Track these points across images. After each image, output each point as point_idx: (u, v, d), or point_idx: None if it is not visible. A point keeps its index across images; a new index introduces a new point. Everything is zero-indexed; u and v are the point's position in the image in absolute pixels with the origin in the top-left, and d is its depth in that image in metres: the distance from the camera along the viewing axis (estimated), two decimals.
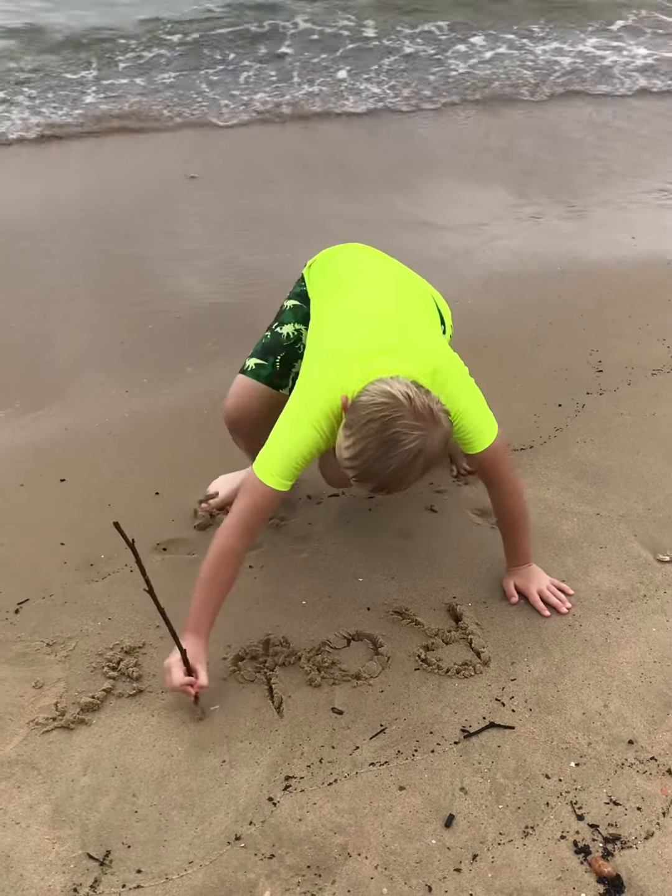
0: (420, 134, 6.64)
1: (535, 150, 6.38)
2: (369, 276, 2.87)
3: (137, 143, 6.48)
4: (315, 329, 2.77)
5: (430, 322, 2.79)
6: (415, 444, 2.25)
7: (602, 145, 6.40)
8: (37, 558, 3.09)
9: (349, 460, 2.32)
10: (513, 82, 7.49)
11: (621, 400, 3.87)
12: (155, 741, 2.51)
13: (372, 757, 2.46)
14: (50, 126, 6.52)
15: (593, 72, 7.74)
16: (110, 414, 3.77)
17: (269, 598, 2.94)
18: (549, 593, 2.92)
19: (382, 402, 2.27)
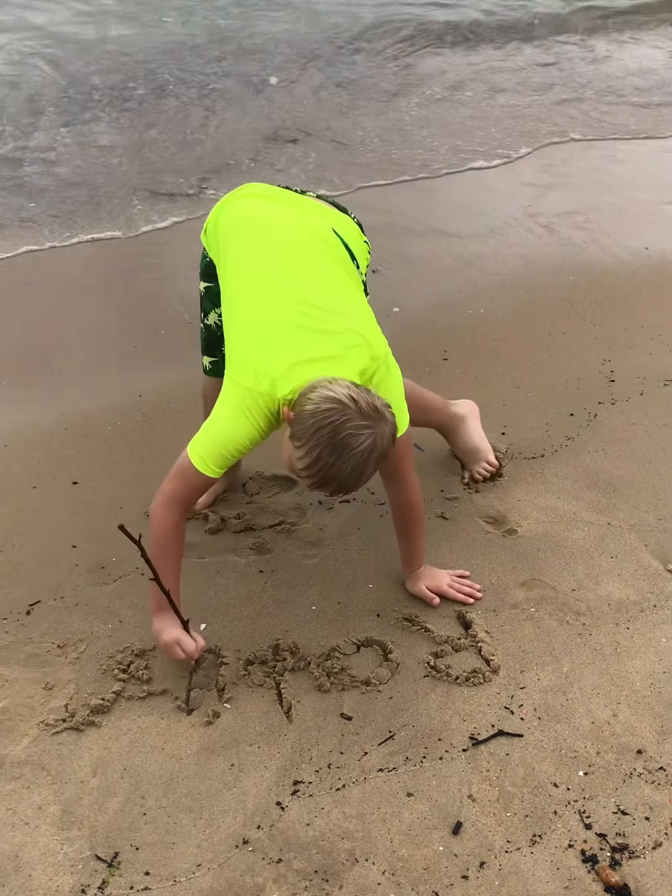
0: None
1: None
2: (272, 241, 2.71)
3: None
4: (228, 314, 2.70)
5: (345, 289, 2.69)
6: (367, 443, 2.28)
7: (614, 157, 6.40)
8: (48, 560, 3.10)
9: (305, 470, 2.34)
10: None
11: (633, 410, 3.87)
12: (164, 744, 2.51)
13: (380, 763, 2.46)
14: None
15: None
16: (123, 417, 3.79)
17: (279, 604, 2.95)
18: (459, 584, 2.98)
19: (328, 408, 2.28)
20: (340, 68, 7.55)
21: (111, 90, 6.99)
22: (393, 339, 2.62)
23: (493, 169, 6.13)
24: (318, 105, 6.91)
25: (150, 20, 8.36)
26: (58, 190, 5.68)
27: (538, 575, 3.05)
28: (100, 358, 4.19)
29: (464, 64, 7.73)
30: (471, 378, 4.04)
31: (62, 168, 5.92)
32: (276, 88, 7.10)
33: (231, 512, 3.29)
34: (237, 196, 2.89)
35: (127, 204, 5.59)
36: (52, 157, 6.04)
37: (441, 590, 2.95)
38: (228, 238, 2.76)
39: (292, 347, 2.48)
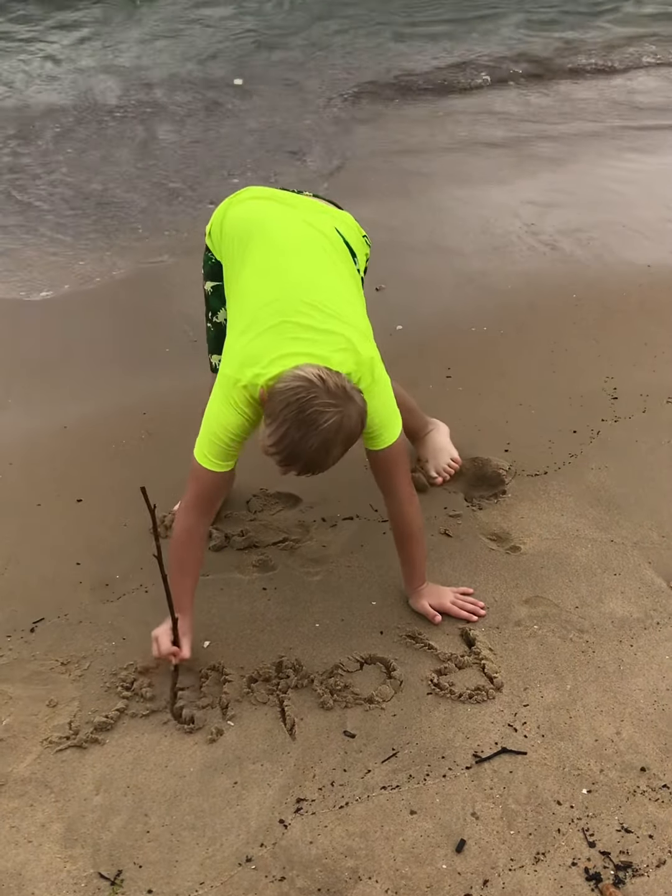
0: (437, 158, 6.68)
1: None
2: (276, 240, 2.75)
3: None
4: (232, 309, 2.77)
5: (345, 290, 2.73)
6: (333, 420, 2.32)
7: (621, 177, 6.41)
8: (53, 578, 3.11)
9: (273, 447, 2.38)
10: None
11: (636, 427, 3.87)
12: (167, 761, 2.52)
13: (383, 781, 2.46)
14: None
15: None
16: (127, 435, 3.80)
17: (283, 621, 2.95)
18: (462, 602, 2.98)
19: (296, 386, 2.33)
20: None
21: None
22: (396, 357, 2.65)
23: (494, 187, 6.16)
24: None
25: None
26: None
27: (541, 592, 3.05)
28: (103, 376, 4.21)
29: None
30: (474, 395, 4.05)
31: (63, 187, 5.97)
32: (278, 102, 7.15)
33: (234, 529, 3.30)
34: (240, 199, 2.96)
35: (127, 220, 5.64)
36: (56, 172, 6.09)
37: (444, 607, 2.96)
38: (234, 239, 2.82)
39: (282, 342, 2.53)
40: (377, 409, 2.61)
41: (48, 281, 5.01)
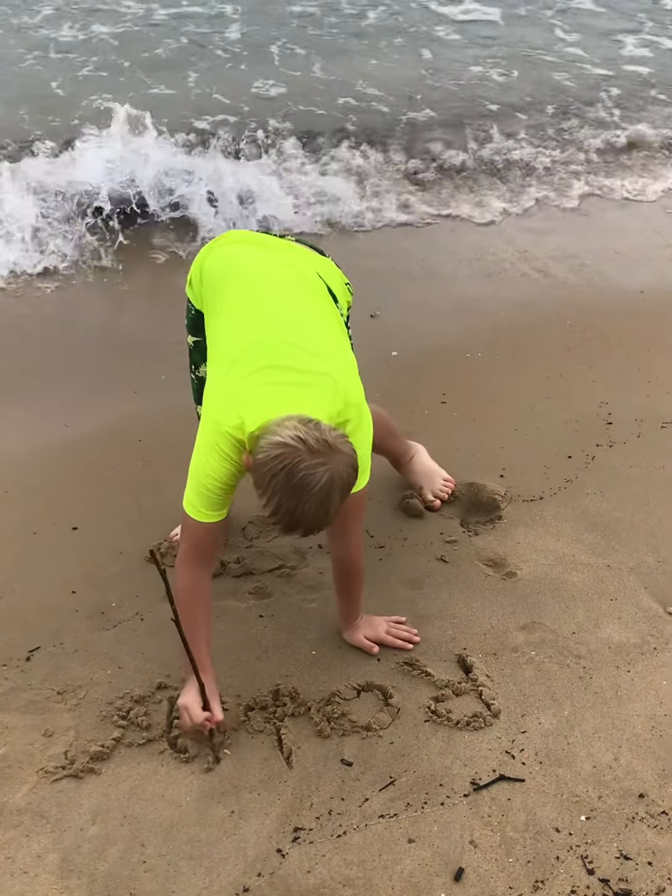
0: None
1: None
2: (257, 282, 2.75)
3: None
4: (212, 352, 2.72)
5: (328, 331, 2.70)
6: (325, 480, 2.26)
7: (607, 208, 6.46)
8: (48, 606, 3.10)
9: (271, 517, 2.32)
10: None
11: (631, 452, 3.88)
12: (164, 791, 2.50)
13: (381, 809, 2.45)
14: None
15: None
16: (123, 462, 3.80)
17: (279, 648, 2.95)
18: (396, 630, 2.97)
19: (278, 454, 2.27)
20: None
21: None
22: (392, 383, 2.66)
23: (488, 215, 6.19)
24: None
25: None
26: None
27: (538, 618, 3.05)
28: (99, 403, 4.21)
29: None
30: (469, 421, 4.06)
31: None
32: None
33: (231, 556, 3.29)
34: (220, 243, 2.93)
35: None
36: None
37: (379, 638, 2.95)
38: (214, 283, 2.79)
39: (268, 391, 2.47)
40: (364, 455, 2.57)
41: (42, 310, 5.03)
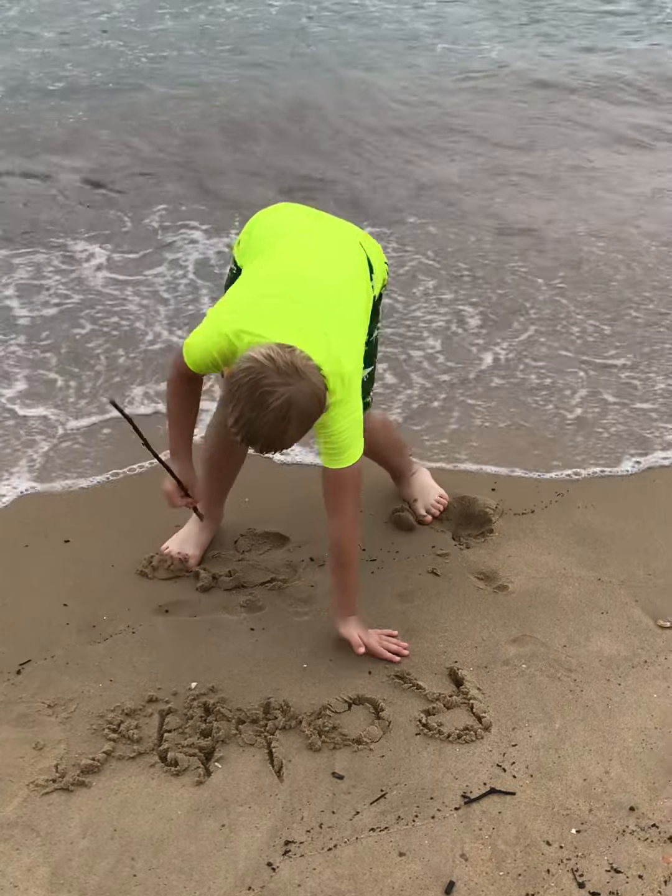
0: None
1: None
2: (299, 241, 2.90)
3: None
4: (248, 269, 2.88)
5: (354, 303, 2.81)
6: (283, 400, 2.36)
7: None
8: (40, 619, 3.10)
9: (233, 427, 2.43)
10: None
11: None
12: (154, 804, 2.50)
13: (372, 822, 2.45)
14: None
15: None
16: (115, 475, 3.80)
17: (270, 661, 2.95)
18: (387, 643, 2.98)
19: (247, 367, 2.39)
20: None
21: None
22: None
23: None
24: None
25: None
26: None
27: (529, 631, 3.06)
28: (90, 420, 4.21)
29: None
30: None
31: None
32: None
33: (222, 569, 3.29)
34: (272, 209, 3.08)
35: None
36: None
37: (370, 644, 2.96)
38: (261, 241, 2.92)
39: (273, 323, 2.58)
40: (347, 428, 2.66)
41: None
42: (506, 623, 3.09)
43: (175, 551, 3.31)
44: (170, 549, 3.33)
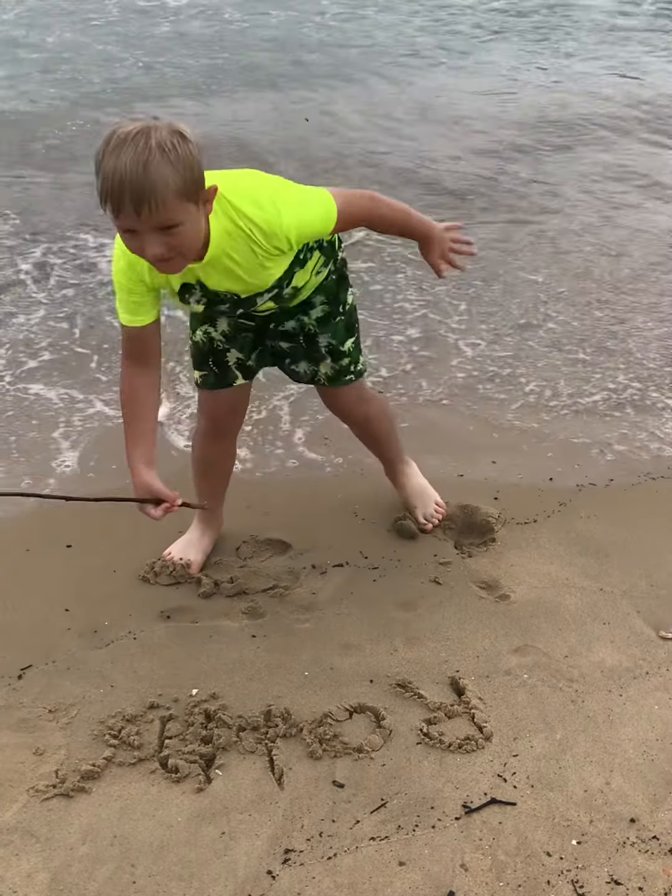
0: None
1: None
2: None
3: None
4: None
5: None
6: (137, 129, 2.26)
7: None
8: (41, 624, 3.10)
9: (100, 191, 2.31)
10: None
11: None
12: (155, 811, 2.50)
13: (372, 831, 2.44)
14: None
15: None
16: (116, 481, 3.80)
17: (271, 669, 2.94)
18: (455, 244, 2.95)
19: (105, 133, 2.31)
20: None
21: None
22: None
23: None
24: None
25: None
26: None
27: (531, 641, 3.05)
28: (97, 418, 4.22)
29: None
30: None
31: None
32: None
33: (224, 576, 3.29)
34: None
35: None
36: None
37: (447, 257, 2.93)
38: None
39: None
40: (302, 212, 2.60)
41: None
42: (508, 633, 3.09)
43: (177, 557, 3.31)
44: (172, 554, 3.33)
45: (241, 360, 3.04)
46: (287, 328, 3.03)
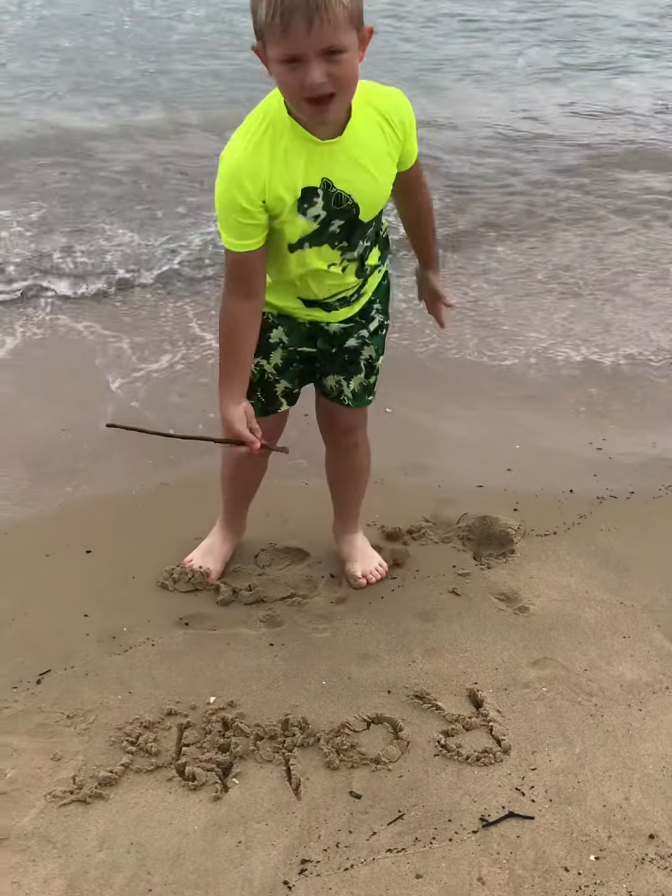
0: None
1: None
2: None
3: None
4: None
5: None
6: None
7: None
8: (60, 629, 3.10)
9: (263, 5, 2.23)
10: None
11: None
12: (171, 819, 2.49)
13: (389, 843, 2.43)
14: None
15: None
16: (136, 486, 3.81)
17: (289, 678, 2.94)
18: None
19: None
20: None
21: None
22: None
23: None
24: None
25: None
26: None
27: (550, 654, 3.04)
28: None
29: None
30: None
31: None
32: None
33: (242, 584, 3.29)
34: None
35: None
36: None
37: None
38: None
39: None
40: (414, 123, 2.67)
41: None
42: (526, 645, 3.07)
43: (197, 564, 3.31)
44: (193, 561, 3.33)
45: (288, 389, 3.01)
46: (349, 346, 2.97)
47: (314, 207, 2.59)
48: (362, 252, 2.76)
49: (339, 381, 3.02)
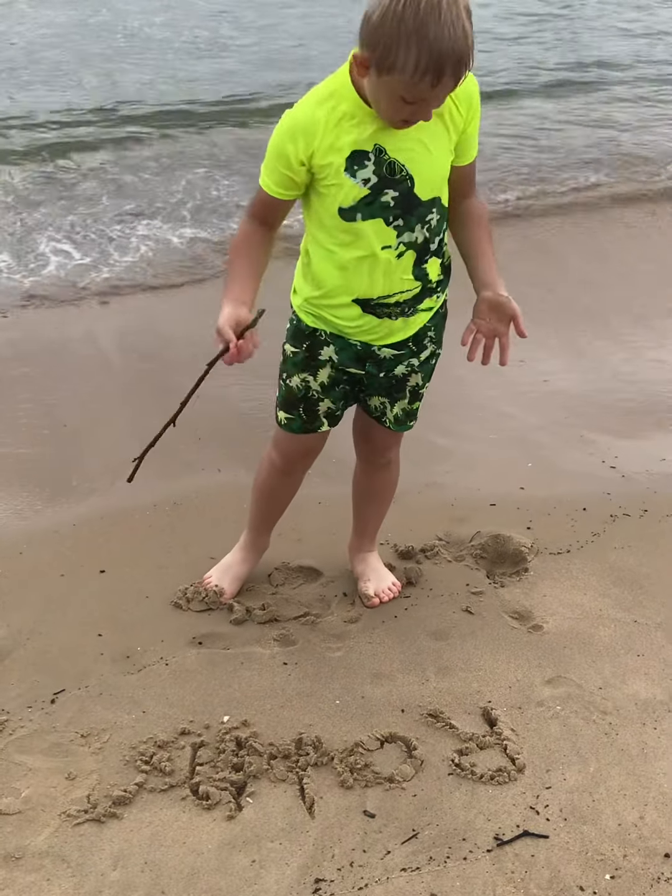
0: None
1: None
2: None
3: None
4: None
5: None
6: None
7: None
8: (74, 649, 3.11)
9: (415, 72, 2.23)
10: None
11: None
12: (185, 838, 2.49)
13: (403, 862, 2.43)
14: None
15: None
16: (150, 506, 3.83)
17: (303, 697, 2.94)
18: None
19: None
20: None
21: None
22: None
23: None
24: None
25: None
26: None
27: (564, 672, 3.03)
28: (126, 445, 4.21)
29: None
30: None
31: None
32: None
33: (256, 603, 3.30)
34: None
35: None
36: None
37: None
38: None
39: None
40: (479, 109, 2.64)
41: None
42: (540, 664, 3.07)
43: (214, 582, 3.31)
44: (211, 578, 3.33)
45: (331, 410, 2.99)
46: (398, 372, 2.93)
47: (364, 170, 2.57)
48: (422, 243, 2.69)
49: (383, 402, 3.01)
